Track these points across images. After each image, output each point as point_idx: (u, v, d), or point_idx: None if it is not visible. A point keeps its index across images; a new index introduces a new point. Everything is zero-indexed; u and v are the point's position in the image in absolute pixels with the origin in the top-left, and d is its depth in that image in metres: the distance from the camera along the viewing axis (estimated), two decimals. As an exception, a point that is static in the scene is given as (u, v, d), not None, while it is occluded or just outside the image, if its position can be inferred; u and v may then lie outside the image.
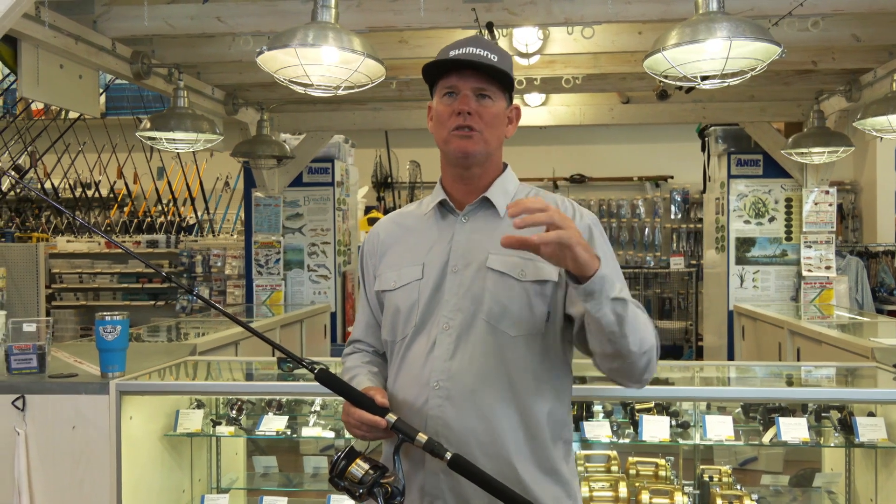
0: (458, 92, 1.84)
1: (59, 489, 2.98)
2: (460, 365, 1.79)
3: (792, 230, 6.84)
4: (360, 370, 1.97)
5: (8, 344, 3.11)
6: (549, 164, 10.72)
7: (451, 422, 1.77)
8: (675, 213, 10.71)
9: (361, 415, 1.76)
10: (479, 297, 1.81)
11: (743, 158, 6.91)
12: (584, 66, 5.45)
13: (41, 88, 3.99)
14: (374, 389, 1.83)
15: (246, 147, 6.08)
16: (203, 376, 3.46)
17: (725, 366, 4.49)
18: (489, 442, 1.77)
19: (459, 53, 1.84)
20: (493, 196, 1.90)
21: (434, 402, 1.79)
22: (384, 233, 2.03)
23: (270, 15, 4.28)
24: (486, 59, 1.83)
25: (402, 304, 1.89)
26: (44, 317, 7.58)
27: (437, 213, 1.95)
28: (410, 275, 1.89)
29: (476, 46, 1.85)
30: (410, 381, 1.84)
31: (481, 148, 1.86)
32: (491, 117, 1.85)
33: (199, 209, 10.15)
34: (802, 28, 4.20)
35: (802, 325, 5.02)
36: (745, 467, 4.88)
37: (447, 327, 1.82)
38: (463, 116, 1.83)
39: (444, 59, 1.85)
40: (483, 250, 1.85)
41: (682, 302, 10.52)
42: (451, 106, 1.84)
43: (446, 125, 1.86)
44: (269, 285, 6.99)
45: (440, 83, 1.88)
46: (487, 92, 1.84)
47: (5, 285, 5.58)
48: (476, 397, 1.78)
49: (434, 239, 1.91)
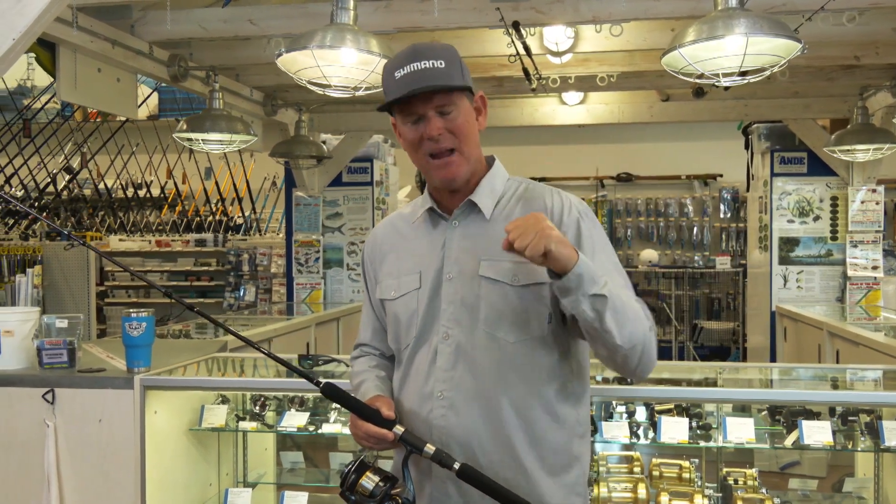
0: (421, 116, 1.80)
1: (85, 480, 3.08)
2: (462, 374, 1.80)
3: (837, 229, 6.68)
4: (367, 375, 1.99)
5: (40, 339, 3.21)
6: (591, 162, 10.62)
7: (455, 431, 1.78)
8: (725, 212, 10.52)
9: (368, 428, 1.77)
10: (474, 305, 1.81)
11: (786, 156, 6.77)
12: (619, 63, 5.40)
13: (79, 92, 4.12)
14: (381, 401, 1.83)
15: (284, 147, 6.17)
16: (226, 373, 3.53)
17: (749, 367, 4.41)
18: (494, 450, 1.78)
19: (405, 73, 1.77)
20: (479, 199, 1.88)
21: (438, 411, 1.80)
22: (382, 237, 2.03)
23: (301, 17, 4.33)
24: (434, 68, 1.77)
25: (401, 314, 1.90)
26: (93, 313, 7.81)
27: (427, 220, 1.94)
28: (409, 284, 1.90)
29: (417, 59, 1.78)
30: (415, 391, 1.85)
31: (464, 168, 1.84)
32: (461, 128, 1.81)
33: (246, 209, 10.33)
34: (837, 23, 4.10)
35: (841, 327, 4.90)
36: (785, 471, 4.80)
37: (446, 336, 1.82)
38: (434, 140, 1.80)
39: (397, 97, 1.78)
40: (474, 257, 1.84)
41: (731, 302, 10.34)
42: (418, 131, 1.81)
43: (419, 151, 1.83)
44: (309, 284, 7.09)
45: (398, 112, 1.83)
46: (449, 106, 1.80)
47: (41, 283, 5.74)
48: (479, 405, 1.78)
49: (427, 246, 1.91)
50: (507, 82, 5.92)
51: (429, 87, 1.76)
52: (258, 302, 9.69)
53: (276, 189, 10.77)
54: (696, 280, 10.39)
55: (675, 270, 10.20)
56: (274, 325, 5.36)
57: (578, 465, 1.86)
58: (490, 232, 1.84)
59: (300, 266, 7.13)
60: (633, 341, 1.70)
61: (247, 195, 10.17)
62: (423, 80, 1.76)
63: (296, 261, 7.14)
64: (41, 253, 7.93)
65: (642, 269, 10.26)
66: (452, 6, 4.16)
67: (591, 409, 3.15)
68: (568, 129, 8.86)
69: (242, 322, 6.00)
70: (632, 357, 1.72)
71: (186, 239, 10.13)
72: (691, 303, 10.40)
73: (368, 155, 7.27)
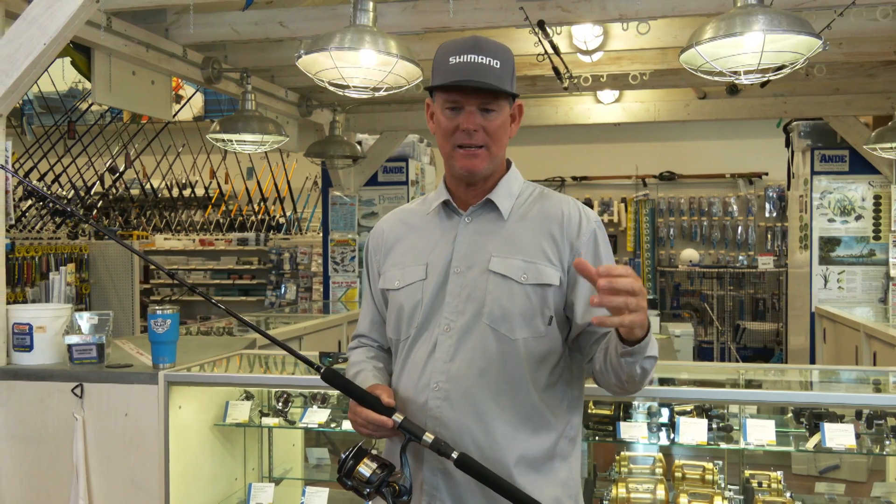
0: (461, 107, 1.82)
1: (112, 473, 3.17)
2: (460, 367, 1.81)
3: (880, 229, 6.52)
4: (365, 365, 2.00)
5: (71, 335, 3.31)
6: (630, 161, 10.52)
7: (448, 422, 1.80)
8: (770, 211, 10.32)
9: (368, 414, 1.78)
10: (480, 299, 1.82)
11: (827, 154, 6.64)
12: (652, 61, 5.36)
13: (113, 94, 4.23)
14: (381, 388, 1.84)
15: (318, 147, 6.25)
16: (249, 369, 3.60)
17: (772, 368, 4.34)
18: (486, 444, 1.79)
19: (461, 62, 1.79)
20: (498, 198, 1.90)
21: (433, 402, 1.81)
22: (389, 230, 2.04)
23: (330, 19, 4.39)
24: (489, 66, 1.79)
25: (405, 303, 1.91)
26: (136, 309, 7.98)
27: (441, 213, 1.96)
28: (414, 275, 1.91)
29: (477, 53, 1.80)
30: (412, 381, 1.86)
31: (488, 164, 1.86)
32: (495, 130, 1.84)
33: (287, 208, 10.46)
34: (871, 18, 4.02)
35: (878, 328, 4.79)
36: (825, 475, 4.71)
37: (448, 329, 1.83)
38: (468, 134, 1.82)
39: (448, 83, 1.80)
40: (485, 252, 1.85)
41: (775, 303, 10.15)
42: (455, 121, 1.83)
43: (450, 140, 1.85)
44: (345, 282, 7.16)
45: (442, 96, 1.85)
46: (492, 105, 1.82)
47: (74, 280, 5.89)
48: (474, 399, 1.80)
49: (438, 239, 1.92)
50: (540, 81, 5.92)
51: (482, 85, 1.78)
52: (298, 300, 9.82)
53: (316, 189, 10.88)
54: (741, 280, 10.23)
55: (716, 270, 10.06)
56: (305, 323, 5.44)
57: (566, 465, 1.86)
58: (504, 231, 1.87)
59: (336, 265, 7.21)
60: (645, 381, 1.75)
61: (288, 195, 10.30)
62: (477, 75, 1.78)
63: (332, 259, 7.22)
64: (87, 252, 8.14)
65: (683, 269, 10.14)
66: (479, 6, 4.19)
67: (610, 410, 3.18)
68: (605, 128, 8.78)
69: (284, 319, 6.10)
70: (629, 388, 1.76)
71: (229, 238, 10.30)
72: (735, 303, 10.24)
73: (404, 154, 7.32)
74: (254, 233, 10.39)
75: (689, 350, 6.52)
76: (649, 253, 10.46)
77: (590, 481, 3.34)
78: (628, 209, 10.53)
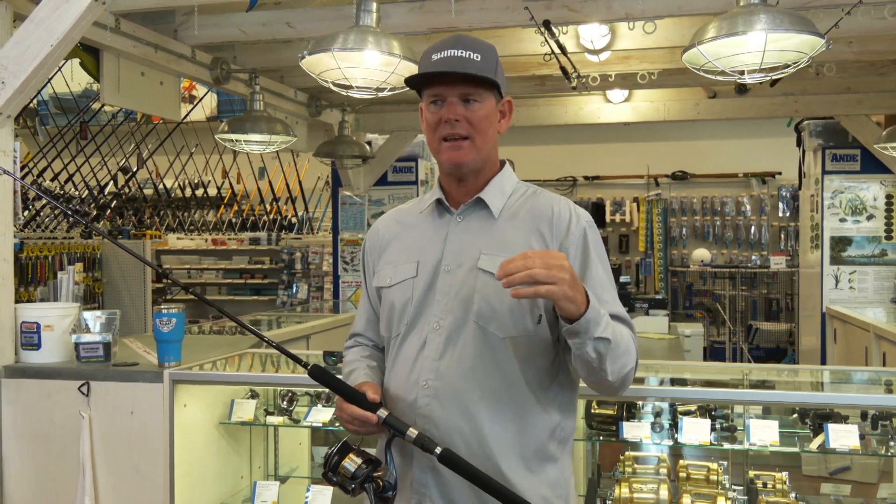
0: (444, 99, 1.84)
1: (118, 470, 3.20)
2: (448, 365, 1.82)
3: (892, 229, 6.48)
4: (358, 364, 2.02)
5: (77, 334, 3.34)
6: (642, 160, 10.49)
7: (437, 420, 1.80)
8: (783, 211, 10.26)
9: (353, 410, 1.79)
10: (469, 297, 1.83)
11: (839, 153, 6.60)
12: (661, 61, 5.35)
13: (122, 95, 4.26)
14: (367, 385, 1.86)
15: (328, 147, 6.27)
16: (256, 367, 3.62)
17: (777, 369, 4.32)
18: (475, 442, 1.79)
19: (441, 57, 1.83)
20: (488, 197, 1.91)
21: (423, 400, 1.82)
22: (384, 229, 2.06)
23: (338, 19, 4.40)
24: (470, 59, 1.82)
25: (396, 300, 1.92)
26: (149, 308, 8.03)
27: (434, 212, 1.97)
28: (405, 272, 1.93)
29: (457, 48, 1.83)
30: (402, 378, 1.87)
31: (473, 156, 1.87)
32: (479, 121, 1.85)
33: (299, 208, 10.50)
34: (879, 16, 3.99)
35: (888, 329, 4.76)
36: (835, 476, 4.68)
37: (438, 326, 1.84)
38: (451, 124, 1.83)
39: (425, 72, 1.85)
40: (475, 250, 1.86)
41: (788, 303, 10.10)
42: (438, 114, 1.85)
43: (435, 134, 1.87)
44: (355, 282, 7.18)
45: (426, 91, 1.88)
46: (474, 96, 1.84)
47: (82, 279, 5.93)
48: (462, 397, 1.80)
49: (430, 237, 1.94)
50: (548, 80, 5.91)
51: (457, 72, 1.81)
52: (310, 299, 9.85)
53: (328, 189, 10.92)
54: (753, 280, 10.18)
55: (728, 270, 10.01)
56: (313, 322, 5.46)
57: (557, 466, 1.86)
58: (494, 229, 1.87)
59: (346, 264, 7.23)
60: (621, 375, 1.73)
61: (300, 195, 10.34)
62: (455, 66, 1.81)
63: (342, 259, 7.25)
64: (100, 251, 8.19)
65: (695, 269, 10.10)
66: (485, 6, 4.19)
67: (613, 410, 3.17)
68: (615, 128, 8.76)
69: (294, 319, 6.13)
70: (614, 385, 1.76)
71: (241, 237, 10.34)
72: (748, 303, 10.20)
73: (413, 154, 7.34)
74: (266, 232, 10.44)
75: (699, 350, 6.49)
76: (661, 253, 10.43)
77: (593, 481, 3.34)
78: (640, 209, 10.49)
